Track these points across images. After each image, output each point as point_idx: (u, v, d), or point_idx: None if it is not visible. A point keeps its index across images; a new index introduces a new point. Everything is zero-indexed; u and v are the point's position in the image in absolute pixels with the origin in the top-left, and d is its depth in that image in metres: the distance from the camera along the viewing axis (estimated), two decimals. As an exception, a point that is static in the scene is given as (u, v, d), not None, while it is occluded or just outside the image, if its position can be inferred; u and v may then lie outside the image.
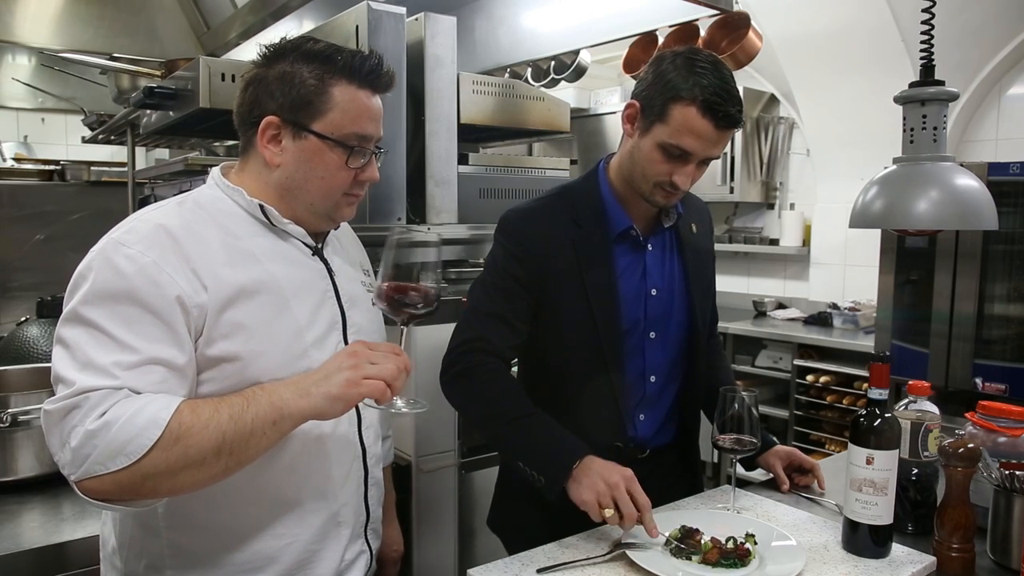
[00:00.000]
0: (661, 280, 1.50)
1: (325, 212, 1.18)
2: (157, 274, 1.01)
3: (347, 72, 1.13)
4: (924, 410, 1.38)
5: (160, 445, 0.94)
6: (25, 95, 3.96)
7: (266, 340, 1.09)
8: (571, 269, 1.43)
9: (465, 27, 2.37)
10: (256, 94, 1.14)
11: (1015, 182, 2.72)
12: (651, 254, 1.50)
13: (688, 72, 1.32)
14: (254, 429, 0.99)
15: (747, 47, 2.77)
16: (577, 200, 1.49)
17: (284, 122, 1.12)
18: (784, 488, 1.55)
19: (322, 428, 1.15)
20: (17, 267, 3.01)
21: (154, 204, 1.16)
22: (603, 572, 1.20)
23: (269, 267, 1.12)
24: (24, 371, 1.78)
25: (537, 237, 1.45)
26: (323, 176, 1.14)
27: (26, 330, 2.13)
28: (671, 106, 1.33)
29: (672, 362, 1.53)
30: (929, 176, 1.46)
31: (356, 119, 1.14)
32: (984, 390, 2.81)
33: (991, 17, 3.46)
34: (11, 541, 1.30)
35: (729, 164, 4.34)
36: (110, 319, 0.99)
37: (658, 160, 1.37)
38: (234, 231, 1.12)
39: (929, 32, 1.50)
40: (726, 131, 1.34)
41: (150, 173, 2.86)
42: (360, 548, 1.26)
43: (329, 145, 1.13)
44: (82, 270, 1.04)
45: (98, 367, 0.97)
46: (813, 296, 4.45)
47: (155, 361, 1.00)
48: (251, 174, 1.17)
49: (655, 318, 1.49)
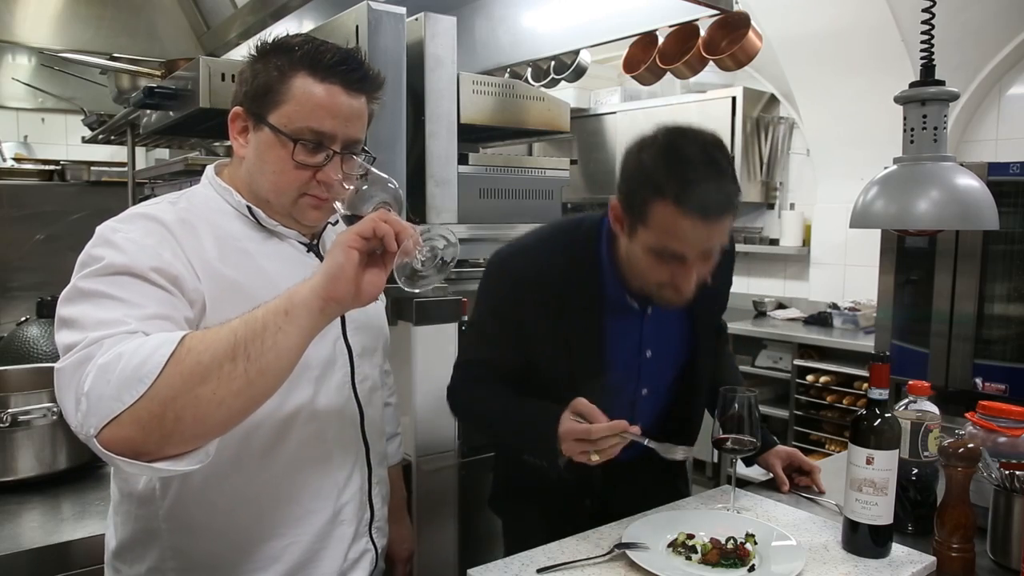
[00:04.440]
0: (659, 342, 1.42)
1: (284, 210, 1.14)
2: (154, 256, 0.99)
3: (307, 63, 1.08)
4: (924, 410, 1.38)
5: (173, 359, 0.85)
6: (25, 95, 3.96)
7: None
8: (555, 327, 1.35)
9: (465, 27, 2.37)
10: (235, 87, 1.14)
11: (1015, 182, 2.72)
12: (651, 319, 1.40)
13: (660, 159, 1.17)
14: (266, 323, 0.89)
15: (747, 47, 2.77)
16: (572, 251, 1.37)
17: (247, 113, 1.11)
18: (784, 489, 1.55)
19: (323, 427, 1.15)
20: (17, 267, 3.01)
21: (148, 201, 1.14)
22: (603, 572, 1.20)
23: (263, 264, 1.11)
24: (24, 371, 1.78)
25: (520, 291, 1.36)
26: (274, 171, 1.10)
27: (26, 330, 2.13)
28: (646, 206, 1.18)
29: (663, 412, 1.51)
30: (929, 176, 1.46)
31: (312, 113, 1.07)
32: (984, 390, 2.81)
33: (991, 17, 3.46)
34: (11, 541, 1.30)
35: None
36: (113, 286, 0.96)
37: (651, 264, 1.24)
38: (227, 229, 1.12)
39: (929, 32, 1.50)
40: (718, 221, 1.17)
41: (150, 173, 2.86)
42: (364, 547, 1.25)
43: (281, 139, 1.08)
44: (82, 258, 1.02)
45: (103, 320, 0.92)
46: (813, 296, 4.45)
47: (163, 317, 0.96)
48: (233, 167, 1.17)
49: (649, 375, 1.45)
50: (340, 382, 1.19)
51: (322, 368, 1.15)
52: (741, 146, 4.33)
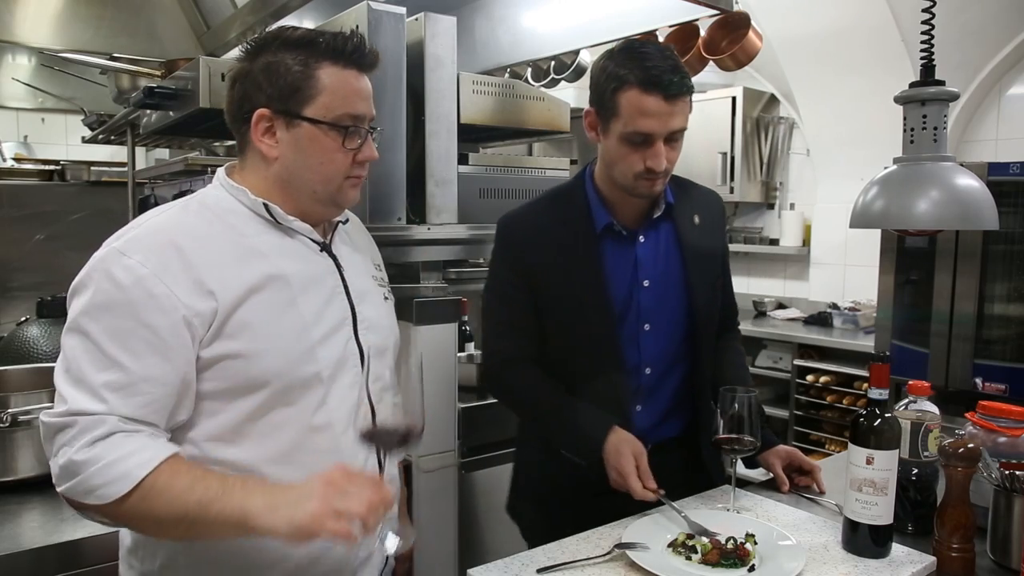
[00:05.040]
0: (655, 271, 1.51)
1: (329, 198, 1.17)
2: (154, 286, 1.02)
3: (331, 54, 1.12)
4: (924, 410, 1.38)
5: (128, 499, 0.98)
6: (25, 95, 3.95)
7: (270, 337, 1.08)
8: (558, 266, 1.48)
9: (465, 27, 2.37)
10: (244, 89, 1.13)
11: (1015, 182, 2.72)
12: (642, 246, 1.51)
13: (623, 59, 1.36)
14: (215, 523, 1.00)
15: (747, 47, 2.78)
16: (564, 201, 1.54)
17: (275, 113, 1.12)
18: (784, 489, 1.55)
19: (333, 424, 1.15)
20: (17, 267, 3.01)
21: (158, 208, 1.15)
22: (603, 572, 1.20)
23: (277, 263, 1.12)
24: (24, 371, 1.78)
25: (525, 239, 1.51)
26: (322, 161, 1.14)
27: (26, 330, 2.13)
28: (617, 96, 1.36)
29: (669, 354, 1.54)
30: (929, 176, 1.45)
31: (346, 100, 1.13)
32: (984, 390, 2.81)
33: (991, 17, 3.46)
34: (11, 541, 1.30)
35: (729, 164, 4.34)
36: (105, 333, 1.01)
37: (626, 153, 1.39)
38: (240, 229, 1.12)
39: (929, 32, 1.50)
40: (676, 100, 1.35)
41: (150, 173, 2.86)
42: (375, 544, 1.24)
43: (323, 129, 1.12)
44: (82, 278, 1.05)
45: (88, 385, 1.00)
46: (813, 296, 4.45)
47: (144, 379, 1.02)
48: (252, 171, 1.17)
49: (649, 309, 1.51)
50: (351, 382, 1.19)
51: (334, 367, 1.16)
52: (741, 146, 4.33)
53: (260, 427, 1.10)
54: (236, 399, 1.08)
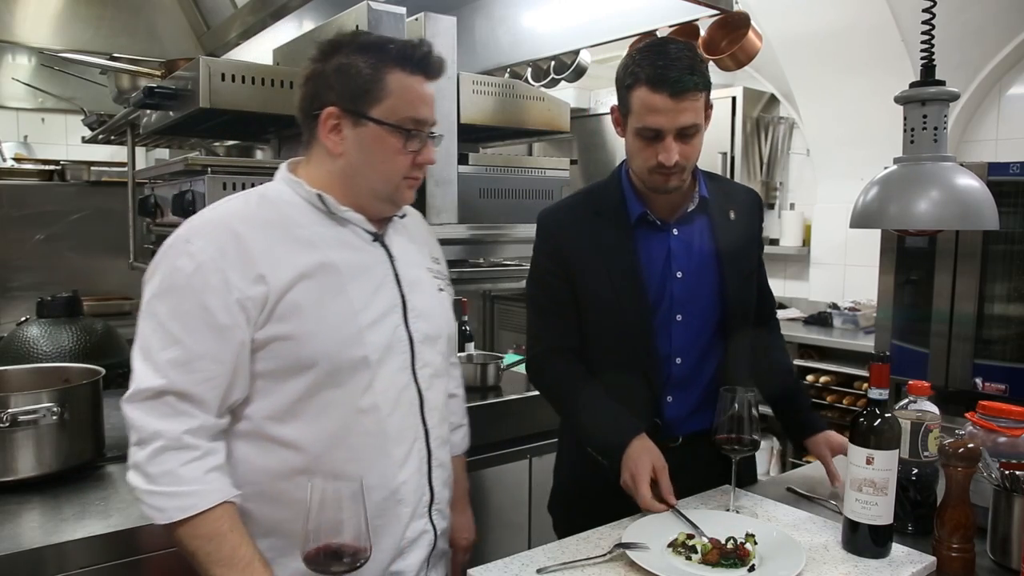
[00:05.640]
0: (688, 263, 1.54)
1: (387, 196, 1.25)
2: (212, 272, 1.12)
3: (400, 60, 1.19)
4: (924, 410, 1.38)
5: (187, 526, 1.10)
6: (25, 95, 3.95)
7: (319, 321, 1.16)
8: (594, 256, 1.52)
9: (465, 27, 2.37)
10: (315, 88, 1.21)
11: (1015, 182, 2.72)
12: (676, 238, 1.54)
13: (640, 57, 1.41)
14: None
15: (747, 47, 2.77)
16: (600, 194, 1.60)
17: (343, 112, 1.19)
18: (836, 484, 1.54)
19: (380, 408, 1.22)
20: (17, 267, 3.01)
21: (225, 198, 1.25)
22: (603, 572, 1.20)
23: (327, 252, 1.20)
24: (24, 371, 1.78)
25: (562, 231, 1.57)
26: (383, 160, 1.21)
27: (26, 330, 2.13)
28: (629, 95, 1.43)
29: (701, 345, 1.56)
30: (930, 176, 1.45)
31: (411, 104, 1.20)
32: (984, 390, 2.81)
33: (991, 17, 3.46)
34: (11, 541, 1.29)
35: (729, 164, 4.34)
36: (169, 314, 1.13)
37: (640, 147, 1.44)
38: (296, 220, 1.20)
39: (929, 32, 1.50)
40: (684, 97, 1.38)
41: (150, 173, 2.85)
42: (423, 527, 1.30)
43: (387, 130, 1.19)
44: (154, 265, 1.17)
45: (153, 362, 1.12)
46: (813, 296, 4.45)
47: (201, 356, 1.12)
48: (315, 165, 1.25)
49: (682, 300, 1.53)
50: (400, 367, 1.25)
51: (382, 352, 1.22)
52: (741, 146, 4.33)
53: (311, 407, 1.18)
54: (288, 379, 1.17)
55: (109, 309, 3.39)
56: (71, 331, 2.29)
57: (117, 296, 3.60)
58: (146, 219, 2.41)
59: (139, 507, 1.13)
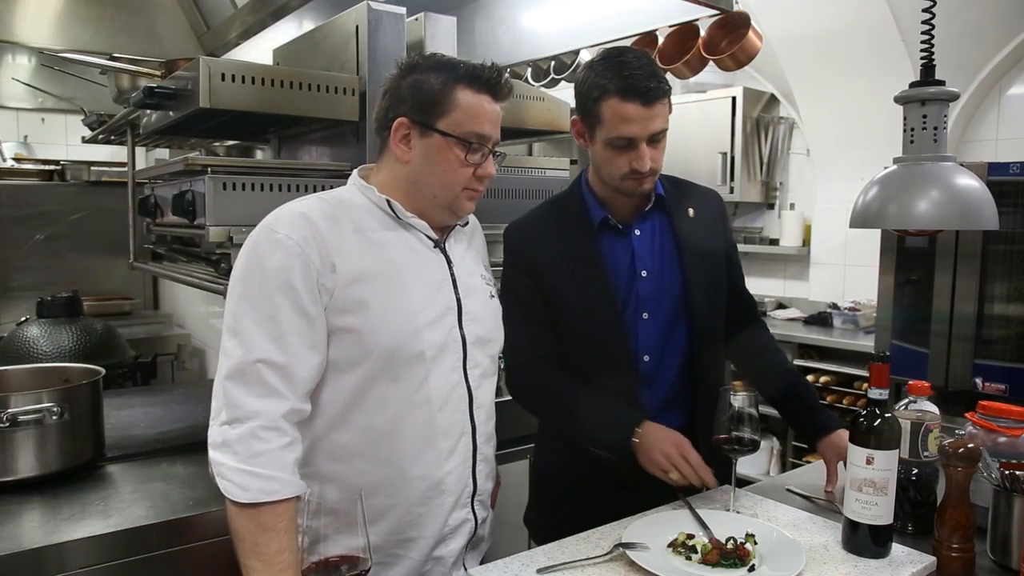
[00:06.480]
0: (652, 263, 1.57)
1: (447, 204, 1.32)
2: (297, 255, 1.19)
3: (468, 78, 1.27)
4: (924, 410, 1.38)
5: (250, 512, 1.13)
6: (25, 95, 3.96)
7: (382, 317, 1.24)
8: (562, 264, 1.55)
9: (465, 27, 2.37)
10: (391, 100, 1.30)
11: (1015, 182, 2.72)
12: (638, 239, 1.57)
13: (602, 69, 1.44)
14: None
15: (747, 47, 2.77)
16: (562, 204, 1.63)
17: (413, 122, 1.28)
18: (829, 488, 1.54)
19: (431, 403, 1.29)
20: (17, 267, 3.01)
21: (301, 198, 1.32)
22: (603, 572, 1.20)
23: (391, 254, 1.28)
24: (24, 371, 1.78)
25: (528, 243, 1.60)
26: (445, 170, 1.29)
27: (26, 330, 2.13)
28: (597, 107, 1.44)
29: (666, 342, 1.57)
30: (929, 176, 1.45)
31: (475, 119, 1.28)
32: (984, 390, 2.81)
33: (991, 17, 3.46)
34: (11, 541, 1.30)
35: (729, 164, 4.34)
36: (259, 294, 1.19)
37: (612, 156, 1.47)
38: (365, 223, 1.28)
39: (929, 32, 1.50)
40: (654, 104, 1.42)
41: (150, 173, 2.85)
42: (465, 516, 1.37)
43: (451, 142, 1.27)
44: (242, 252, 1.24)
45: (249, 336, 1.18)
46: (813, 296, 4.45)
47: (290, 332, 1.18)
48: (385, 171, 1.33)
49: (647, 298, 1.56)
50: (452, 365, 1.32)
51: (436, 351, 1.29)
52: (741, 146, 4.33)
53: (370, 398, 1.25)
54: (351, 369, 1.24)
55: (109, 309, 3.40)
56: (71, 331, 2.30)
57: (117, 296, 3.60)
58: (146, 219, 2.40)
59: (217, 482, 1.15)
